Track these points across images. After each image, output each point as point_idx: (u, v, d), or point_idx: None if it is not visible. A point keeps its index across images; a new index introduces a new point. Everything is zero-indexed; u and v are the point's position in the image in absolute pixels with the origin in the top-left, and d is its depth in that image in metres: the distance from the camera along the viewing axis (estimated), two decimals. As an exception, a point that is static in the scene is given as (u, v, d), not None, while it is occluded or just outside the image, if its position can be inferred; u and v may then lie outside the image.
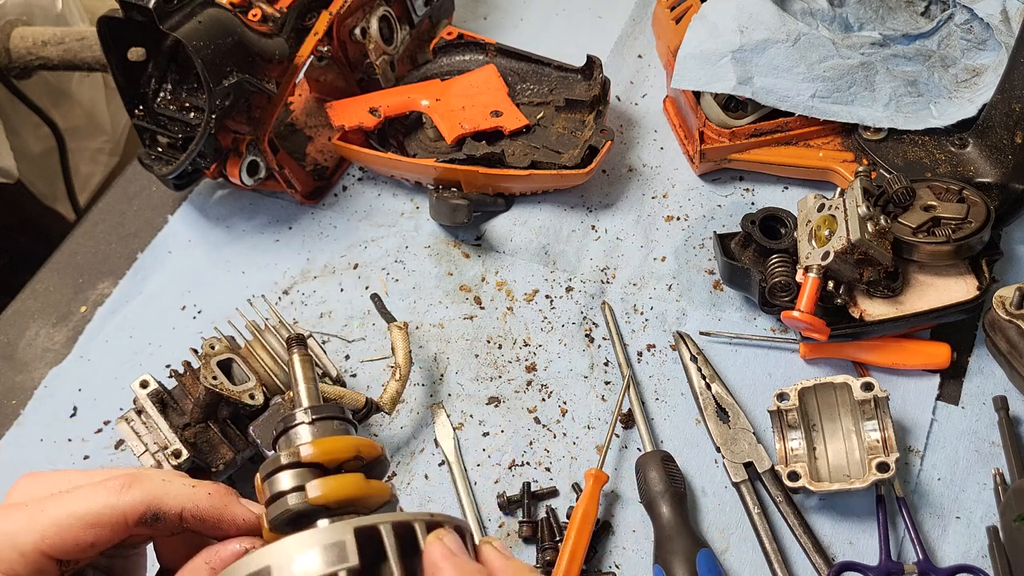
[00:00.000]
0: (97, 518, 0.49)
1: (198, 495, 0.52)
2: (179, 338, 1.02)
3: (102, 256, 1.11)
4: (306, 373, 0.58)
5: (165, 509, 0.51)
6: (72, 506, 0.50)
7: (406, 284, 1.04)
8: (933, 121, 1.00)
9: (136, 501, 0.50)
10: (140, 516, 0.50)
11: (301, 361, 0.58)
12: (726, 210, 1.06)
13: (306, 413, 0.54)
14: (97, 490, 0.50)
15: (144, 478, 0.51)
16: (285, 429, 0.54)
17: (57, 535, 0.49)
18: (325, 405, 0.56)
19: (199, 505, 0.51)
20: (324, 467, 0.51)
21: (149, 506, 0.50)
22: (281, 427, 0.54)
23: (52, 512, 0.50)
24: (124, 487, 0.50)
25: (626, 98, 1.18)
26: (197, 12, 0.93)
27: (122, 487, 0.50)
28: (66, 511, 0.50)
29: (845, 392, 0.85)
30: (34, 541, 0.49)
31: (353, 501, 0.51)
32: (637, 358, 0.96)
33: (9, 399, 1.00)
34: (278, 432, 0.55)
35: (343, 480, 0.51)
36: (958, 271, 0.89)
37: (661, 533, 0.82)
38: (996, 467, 0.85)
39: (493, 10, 1.30)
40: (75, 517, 0.49)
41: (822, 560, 0.81)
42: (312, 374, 0.58)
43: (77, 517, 0.49)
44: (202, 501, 0.51)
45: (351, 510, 0.51)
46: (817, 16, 1.08)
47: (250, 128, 1.02)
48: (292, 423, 0.54)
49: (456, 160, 1.04)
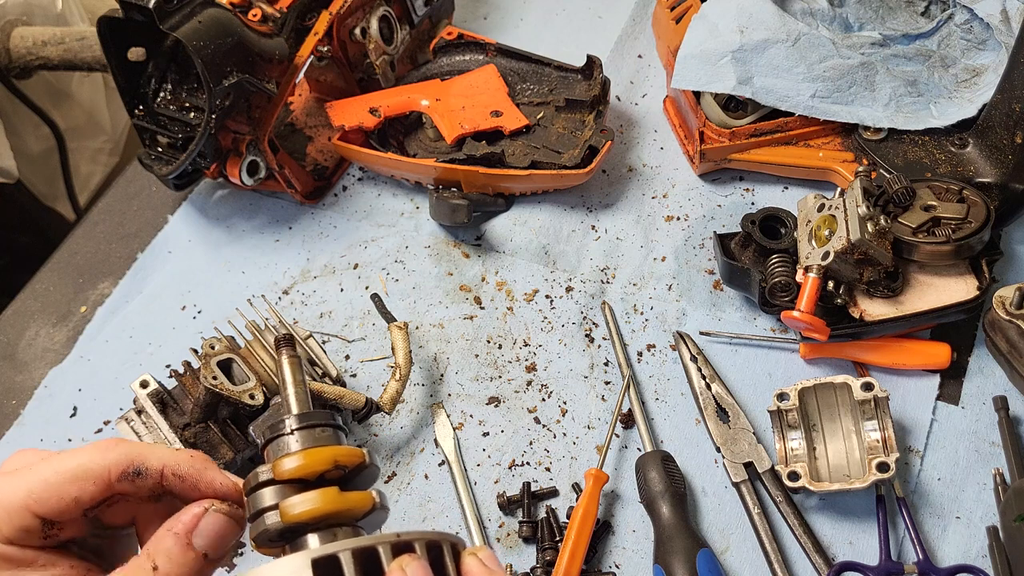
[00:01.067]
0: (83, 471, 0.51)
1: (180, 456, 0.53)
2: (179, 338, 1.02)
3: (102, 256, 1.11)
4: (295, 377, 0.57)
5: (147, 465, 0.52)
6: (58, 464, 0.51)
7: (406, 284, 1.04)
8: (933, 121, 1.00)
9: (120, 455, 0.52)
10: (123, 470, 0.52)
11: (290, 364, 0.57)
12: (726, 210, 1.06)
13: (292, 421, 0.53)
14: (84, 449, 0.52)
15: (128, 441, 0.54)
16: (272, 438, 0.53)
17: (44, 490, 0.51)
18: (313, 412, 0.54)
19: (180, 464, 0.53)
20: (304, 480, 0.51)
21: (132, 461, 0.52)
22: (269, 435, 0.53)
23: (40, 470, 0.51)
24: (109, 446, 0.52)
25: (626, 98, 1.18)
26: (197, 12, 0.93)
27: (107, 446, 0.52)
28: (52, 468, 0.51)
29: (845, 392, 0.85)
30: (21, 498, 0.51)
31: (328, 516, 0.50)
32: (637, 358, 0.96)
33: (9, 399, 1.00)
34: (265, 440, 0.54)
35: (315, 497, 0.50)
36: (958, 271, 0.89)
37: (661, 533, 0.82)
38: (996, 467, 0.85)
39: (493, 10, 1.30)
40: (60, 472, 0.51)
41: (822, 560, 0.81)
42: (301, 377, 0.57)
43: (62, 472, 0.51)
44: (184, 462, 0.53)
45: (333, 523, 0.50)
46: (817, 16, 1.08)
47: (250, 128, 1.01)
48: (277, 432, 0.53)
49: (456, 160, 1.04)
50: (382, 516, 0.53)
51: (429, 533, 0.49)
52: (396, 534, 0.48)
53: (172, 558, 0.50)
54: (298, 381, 0.57)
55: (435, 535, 0.50)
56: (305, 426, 0.53)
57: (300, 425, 0.53)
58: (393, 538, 0.47)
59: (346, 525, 0.51)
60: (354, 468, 0.53)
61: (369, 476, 0.54)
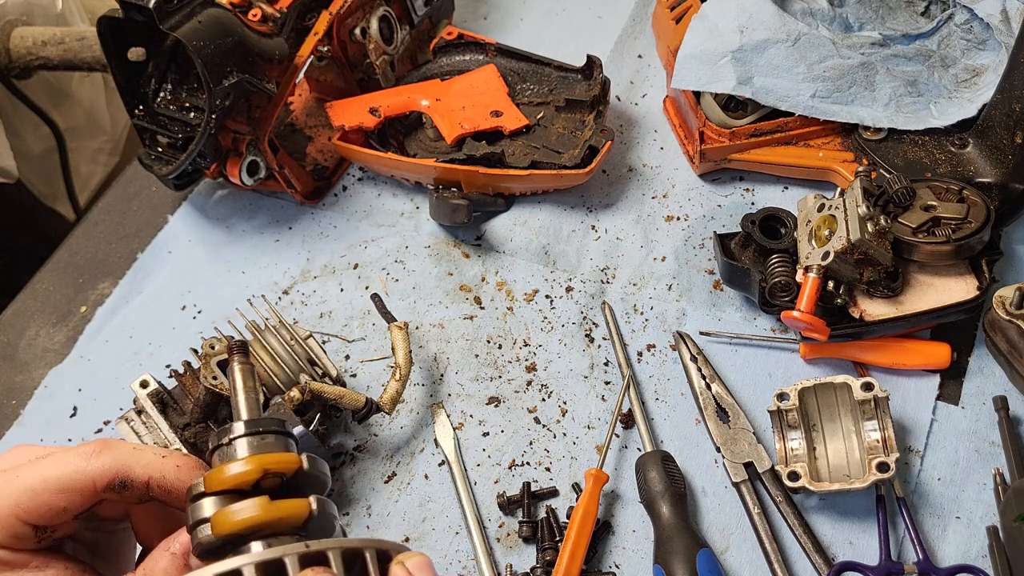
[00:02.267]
0: (68, 483, 0.51)
1: (166, 466, 0.52)
2: (179, 338, 1.02)
3: (102, 256, 1.11)
4: (245, 383, 0.55)
5: (133, 476, 0.52)
6: (44, 471, 0.51)
7: (406, 284, 1.04)
8: (933, 121, 1.00)
9: (105, 467, 0.51)
10: (108, 482, 0.51)
11: (241, 371, 0.55)
12: (726, 210, 1.06)
13: (237, 428, 0.52)
14: (69, 455, 0.52)
15: (116, 446, 0.52)
16: (216, 447, 0.52)
17: (31, 500, 0.50)
18: (259, 419, 0.53)
19: (166, 476, 0.52)
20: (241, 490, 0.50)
21: (117, 473, 0.51)
22: (214, 442, 0.52)
23: (25, 478, 0.51)
24: (95, 453, 0.52)
25: (626, 98, 1.18)
26: (197, 12, 0.93)
27: (93, 452, 0.51)
28: (39, 476, 0.51)
29: (845, 392, 0.85)
30: (9, 507, 0.50)
31: (259, 526, 0.48)
32: (637, 358, 0.96)
33: (9, 399, 1.00)
34: (211, 449, 0.52)
35: (244, 507, 0.48)
36: (958, 271, 0.89)
37: (661, 533, 0.82)
38: (996, 467, 0.85)
39: (493, 10, 1.30)
40: (47, 482, 0.51)
41: (822, 560, 0.81)
42: (252, 384, 0.56)
43: (49, 482, 0.51)
44: (169, 472, 0.52)
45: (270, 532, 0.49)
46: (817, 16, 1.08)
47: (250, 128, 1.01)
48: (221, 441, 0.52)
49: (456, 160, 1.04)
50: (328, 523, 0.51)
51: (349, 540, 0.48)
52: (306, 544, 0.46)
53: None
54: (248, 388, 0.55)
55: (357, 542, 0.48)
56: (248, 433, 0.51)
57: (242, 433, 0.51)
58: (302, 548, 0.46)
59: (286, 535, 0.49)
60: (294, 476, 0.51)
61: (314, 483, 0.52)
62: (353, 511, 0.89)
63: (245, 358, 0.56)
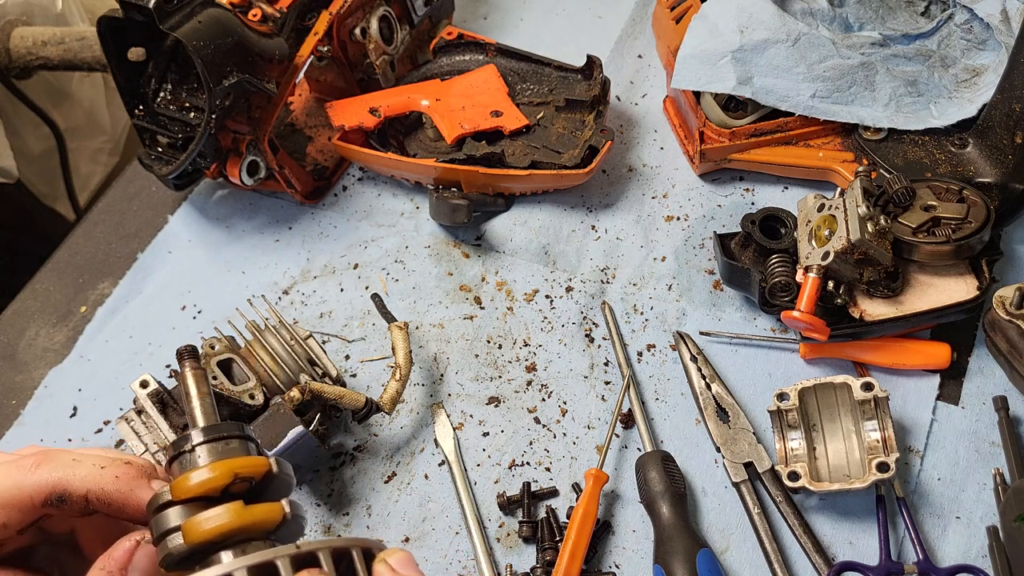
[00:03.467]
0: (6, 499, 0.50)
1: (104, 478, 0.51)
2: (179, 338, 1.02)
3: (102, 256, 1.11)
4: (199, 389, 0.54)
5: (70, 491, 0.51)
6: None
7: (406, 284, 1.04)
8: (933, 121, 1.00)
9: (42, 482, 0.50)
10: (46, 497, 0.51)
11: (193, 376, 0.54)
12: (726, 210, 1.06)
13: (195, 435, 0.51)
14: (8, 469, 0.51)
15: (54, 458, 0.52)
16: (175, 455, 0.51)
17: None
18: (218, 424, 0.52)
19: (104, 488, 0.51)
20: (207, 496, 0.49)
21: (54, 488, 0.51)
22: (172, 452, 0.51)
23: None
24: (33, 466, 0.51)
25: (626, 98, 1.18)
26: (197, 12, 0.93)
27: (31, 466, 0.51)
28: None
29: (845, 392, 0.85)
30: None
31: (233, 532, 0.48)
32: (637, 358, 0.96)
33: (9, 399, 1.00)
34: (170, 458, 0.51)
35: (218, 514, 0.48)
36: (958, 271, 0.89)
37: (661, 533, 0.82)
38: (996, 467, 0.85)
39: (493, 10, 1.30)
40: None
41: (822, 560, 0.81)
42: (206, 389, 0.54)
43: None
44: (108, 484, 0.51)
45: (242, 539, 0.48)
46: (817, 16, 1.08)
47: (250, 128, 1.02)
48: (180, 449, 0.51)
49: (456, 160, 1.04)
50: (297, 526, 0.51)
51: (335, 541, 0.48)
52: (296, 545, 0.46)
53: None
54: (203, 393, 0.54)
55: (343, 542, 0.48)
56: (209, 439, 0.51)
57: (203, 439, 0.51)
58: (293, 550, 0.46)
59: (257, 540, 0.49)
60: (263, 479, 0.50)
61: (281, 486, 0.52)
62: (353, 511, 0.89)
63: (196, 363, 0.55)
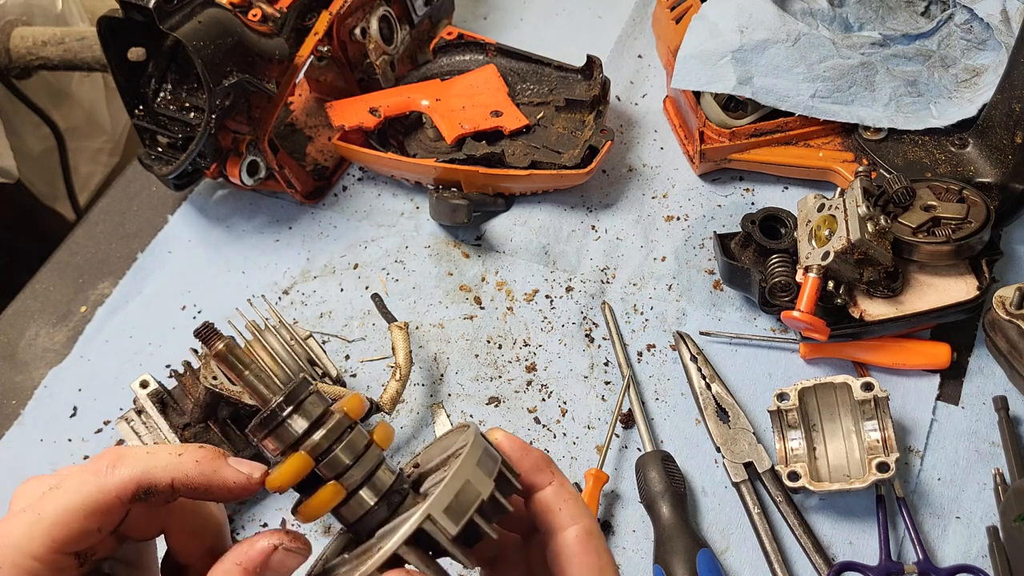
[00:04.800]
0: (94, 505, 0.50)
1: (185, 464, 0.52)
2: (179, 338, 1.02)
3: (102, 256, 1.11)
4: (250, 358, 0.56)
5: (155, 482, 0.51)
6: (65, 500, 0.50)
7: (406, 284, 1.04)
8: (933, 121, 1.00)
9: (125, 479, 0.50)
10: (133, 494, 0.50)
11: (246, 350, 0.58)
12: (726, 210, 1.06)
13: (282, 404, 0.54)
14: (85, 477, 0.50)
15: (129, 455, 0.51)
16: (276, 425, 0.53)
17: (63, 533, 0.49)
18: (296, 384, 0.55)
19: (188, 473, 0.51)
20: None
21: (139, 483, 0.51)
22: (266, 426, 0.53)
23: (50, 511, 0.50)
24: (110, 467, 0.51)
25: (626, 98, 1.18)
26: (197, 12, 0.93)
27: (108, 468, 0.51)
28: (61, 507, 0.50)
29: (845, 392, 0.85)
30: (44, 544, 0.49)
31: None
32: (637, 358, 0.96)
33: (9, 399, 1.00)
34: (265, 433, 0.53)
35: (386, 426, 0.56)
36: (958, 271, 0.89)
37: (661, 533, 0.82)
38: (996, 467, 0.85)
39: (493, 10, 1.30)
40: (71, 511, 0.50)
41: (822, 560, 0.81)
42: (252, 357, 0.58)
43: (73, 509, 0.50)
44: (190, 469, 0.52)
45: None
46: (817, 16, 1.08)
47: (250, 128, 1.02)
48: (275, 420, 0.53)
49: (456, 160, 1.04)
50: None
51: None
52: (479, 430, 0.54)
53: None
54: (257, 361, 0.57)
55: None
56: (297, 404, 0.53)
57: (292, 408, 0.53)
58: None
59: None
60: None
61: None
62: (353, 511, 0.89)
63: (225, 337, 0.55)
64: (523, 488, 0.55)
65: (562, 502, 0.54)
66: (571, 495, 0.55)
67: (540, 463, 0.55)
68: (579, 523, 0.54)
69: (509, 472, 0.54)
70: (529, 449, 0.56)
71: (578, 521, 0.54)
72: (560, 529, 0.54)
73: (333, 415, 0.54)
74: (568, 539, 0.54)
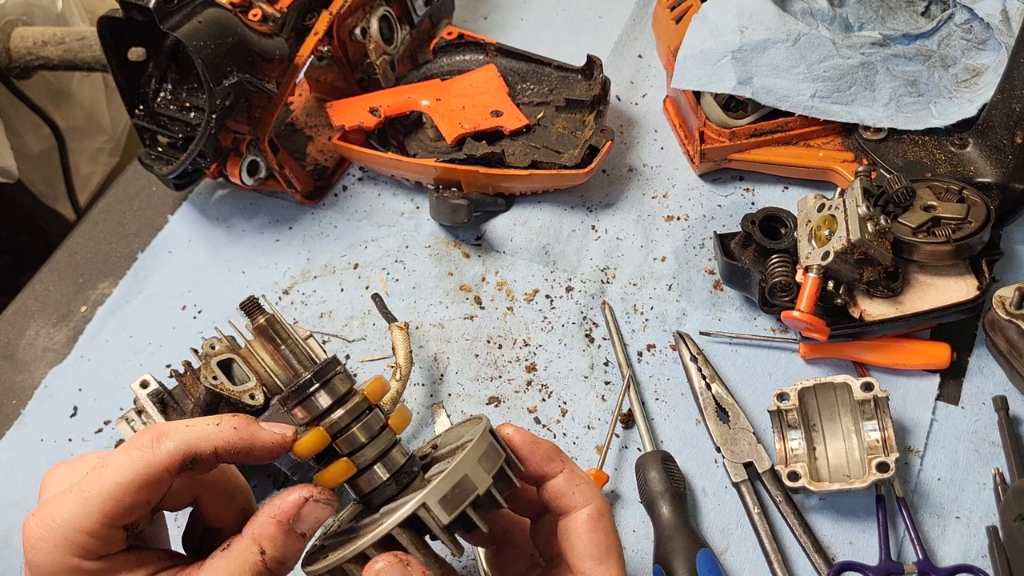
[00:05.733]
0: (144, 479, 0.53)
1: (225, 432, 0.56)
2: (179, 338, 1.02)
3: (102, 256, 1.11)
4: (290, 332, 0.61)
5: (200, 451, 0.54)
6: (116, 476, 0.53)
7: (406, 284, 1.04)
8: (933, 121, 1.00)
9: (172, 452, 0.54)
10: (180, 464, 0.54)
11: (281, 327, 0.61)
12: (726, 210, 1.06)
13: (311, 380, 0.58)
14: (131, 454, 0.54)
15: (170, 429, 0.55)
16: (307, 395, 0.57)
17: (115, 507, 0.53)
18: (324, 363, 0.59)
19: (230, 440, 0.55)
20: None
21: (186, 454, 0.54)
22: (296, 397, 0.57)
23: (100, 488, 0.53)
24: (155, 442, 0.54)
25: (626, 98, 1.18)
26: (197, 12, 0.93)
27: (153, 442, 0.54)
28: (112, 482, 0.53)
29: (845, 392, 0.85)
30: (98, 519, 0.52)
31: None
32: (637, 358, 0.96)
33: (9, 399, 1.00)
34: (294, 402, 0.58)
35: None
36: (958, 271, 0.89)
37: (661, 533, 0.82)
38: (996, 467, 0.85)
39: (493, 10, 1.30)
40: (123, 486, 0.53)
41: (822, 560, 0.81)
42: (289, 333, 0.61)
43: (125, 484, 0.53)
44: (231, 436, 0.55)
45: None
46: (817, 16, 1.08)
47: (250, 128, 1.02)
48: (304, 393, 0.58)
49: (456, 160, 1.04)
50: None
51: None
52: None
53: (277, 543, 0.54)
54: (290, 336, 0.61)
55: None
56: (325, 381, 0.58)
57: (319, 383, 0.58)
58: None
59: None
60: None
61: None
62: (353, 511, 0.89)
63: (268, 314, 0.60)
64: (534, 478, 0.59)
65: (574, 487, 0.59)
66: (583, 480, 0.59)
67: (551, 453, 0.59)
68: (591, 504, 0.59)
69: (511, 469, 0.58)
70: (540, 441, 0.60)
71: (591, 502, 0.59)
72: (573, 509, 0.59)
73: (355, 395, 0.58)
74: (580, 518, 0.58)
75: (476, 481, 0.54)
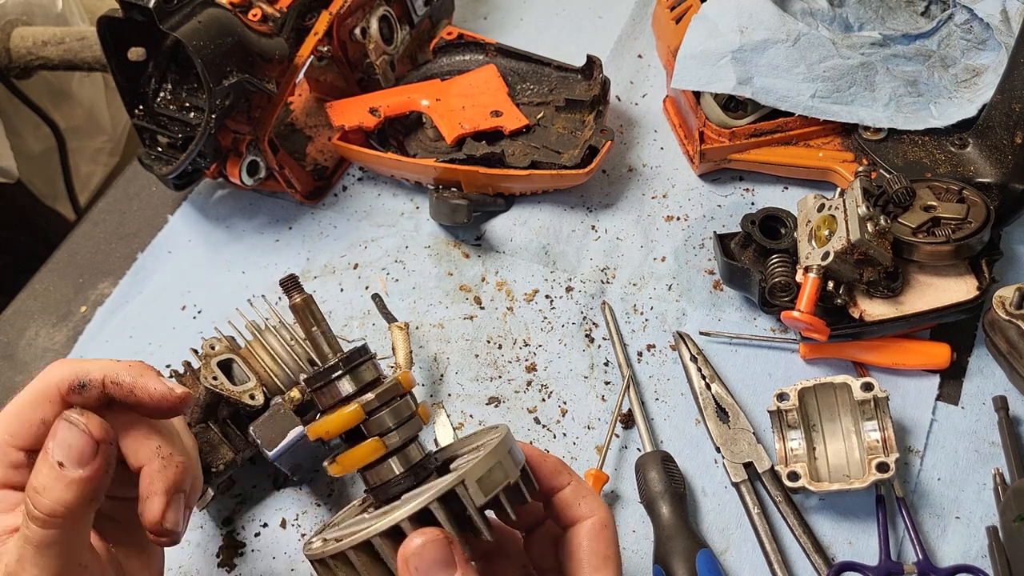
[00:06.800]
0: (36, 396, 0.59)
1: (119, 366, 0.60)
2: (179, 338, 1.02)
3: (102, 256, 1.11)
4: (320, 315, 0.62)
5: (90, 376, 0.59)
6: (18, 398, 0.60)
7: (406, 284, 1.04)
8: (933, 121, 1.00)
9: (65, 372, 0.59)
10: (69, 385, 0.59)
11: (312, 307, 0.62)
12: (726, 210, 1.06)
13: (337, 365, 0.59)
14: (34, 379, 0.60)
15: (69, 360, 0.61)
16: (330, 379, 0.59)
17: (13, 423, 0.60)
18: (352, 352, 0.60)
19: (119, 373, 0.59)
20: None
21: (76, 375, 0.59)
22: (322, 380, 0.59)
23: (6, 409, 0.60)
24: (54, 368, 0.60)
25: (626, 98, 1.18)
26: (197, 12, 0.93)
27: (53, 368, 0.60)
28: (15, 403, 0.60)
29: (845, 392, 0.85)
30: (3, 438, 0.60)
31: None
32: (637, 358, 0.96)
33: (9, 399, 1.00)
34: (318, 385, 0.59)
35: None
36: (958, 271, 0.89)
37: (661, 533, 0.82)
38: (996, 467, 0.85)
39: (493, 10, 1.30)
40: (21, 403, 0.60)
41: (822, 560, 0.81)
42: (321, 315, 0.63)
43: (22, 402, 0.60)
44: (122, 371, 0.60)
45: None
46: (817, 16, 1.08)
47: (250, 128, 1.02)
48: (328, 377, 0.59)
49: (456, 160, 1.04)
50: None
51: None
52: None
53: (39, 476, 0.56)
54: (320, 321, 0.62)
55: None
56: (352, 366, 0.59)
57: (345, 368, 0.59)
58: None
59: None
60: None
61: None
62: (353, 511, 0.89)
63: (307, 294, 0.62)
64: (543, 491, 0.60)
65: (580, 498, 0.60)
66: (588, 491, 0.61)
67: (558, 466, 0.61)
68: (596, 515, 0.60)
69: (532, 471, 0.58)
70: (546, 455, 0.61)
71: (595, 513, 0.60)
72: (579, 520, 0.60)
73: (386, 381, 0.59)
74: (584, 528, 0.59)
75: (508, 470, 0.54)
